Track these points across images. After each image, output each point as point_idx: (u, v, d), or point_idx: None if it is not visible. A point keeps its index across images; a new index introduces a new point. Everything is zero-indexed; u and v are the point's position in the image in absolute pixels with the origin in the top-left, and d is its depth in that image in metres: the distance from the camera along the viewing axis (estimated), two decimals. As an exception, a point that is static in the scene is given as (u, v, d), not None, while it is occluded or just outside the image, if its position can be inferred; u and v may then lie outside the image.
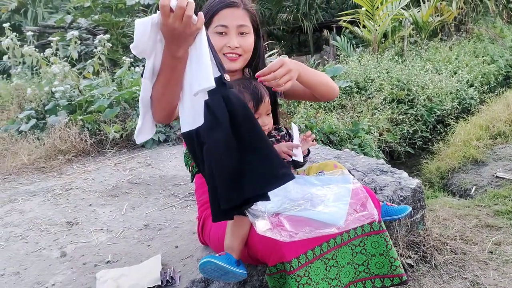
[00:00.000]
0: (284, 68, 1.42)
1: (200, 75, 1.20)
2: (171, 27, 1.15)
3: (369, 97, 5.68)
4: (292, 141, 1.65)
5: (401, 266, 1.52)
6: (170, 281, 1.60)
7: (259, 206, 1.44)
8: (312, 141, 1.67)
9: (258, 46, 1.67)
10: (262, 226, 1.38)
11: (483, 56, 7.84)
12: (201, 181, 1.78)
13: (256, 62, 1.72)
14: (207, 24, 1.59)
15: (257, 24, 1.65)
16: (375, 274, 1.52)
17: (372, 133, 4.76)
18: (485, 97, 6.34)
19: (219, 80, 1.21)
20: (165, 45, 1.22)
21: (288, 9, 13.25)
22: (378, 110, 5.35)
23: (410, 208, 1.80)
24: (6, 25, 4.86)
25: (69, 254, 1.95)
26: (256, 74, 1.44)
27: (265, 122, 1.68)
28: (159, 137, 3.78)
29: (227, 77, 1.23)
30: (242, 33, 1.58)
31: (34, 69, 5.33)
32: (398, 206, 1.81)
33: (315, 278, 1.42)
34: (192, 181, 1.77)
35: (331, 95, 1.69)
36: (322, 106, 5.32)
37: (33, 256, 1.96)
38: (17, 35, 5.15)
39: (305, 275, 1.39)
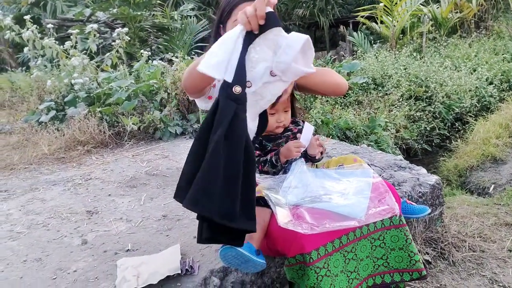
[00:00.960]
0: None
1: (213, 59, 1.19)
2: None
3: (386, 94, 5.64)
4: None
5: (421, 261, 1.51)
6: (190, 270, 1.62)
7: (280, 197, 1.45)
8: (319, 146, 1.71)
9: None
10: (283, 218, 1.39)
11: (503, 54, 7.71)
12: None
13: None
14: (226, 17, 1.60)
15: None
16: (394, 268, 1.52)
17: (389, 129, 4.73)
18: (504, 95, 6.23)
19: (227, 86, 1.18)
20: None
21: (304, 5, 13.19)
22: (395, 107, 5.30)
23: (429, 210, 1.80)
24: (26, 17, 4.93)
25: (90, 242, 1.98)
26: None
27: (281, 119, 1.69)
28: (176, 130, 3.81)
29: (237, 89, 1.18)
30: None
31: (54, 61, 5.41)
32: (417, 205, 1.80)
33: (334, 270, 1.42)
34: None
35: (336, 92, 1.68)
36: (338, 102, 5.30)
37: (55, 243, 2.00)
38: (38, 27, 5.22)
39: (324, 267, 1.40)
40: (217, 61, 1.19)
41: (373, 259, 1.52)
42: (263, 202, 1.49)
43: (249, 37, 1.22)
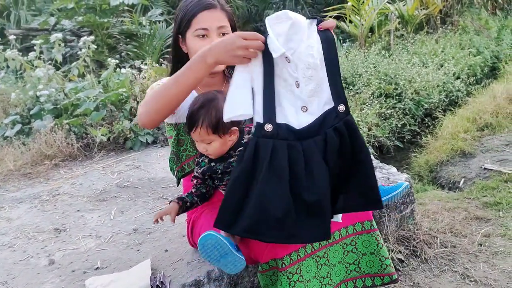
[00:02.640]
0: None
1: (243, 100, 1.26)
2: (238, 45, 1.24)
3: (357, 92, 5.70)
4: None
5: (392, 265, 1.52)
6: (160, 286, 1.59)
7: None
8: None
9: None
10: None
11: (469, 48, 7.89)
12: (189, 184, 1.76)
13: None
14: (185, 28, 1.58)
15: (234, 22, 1.65)
16: (365, 273, 1.52)
17: (361, 128, 4.77)
18: (471, 89, 6.38)
19: (259, 127, 1.26)
20: (209, 47, 1.29)
21: (274, 6, 13.23)
22: (367, 105, 5.36)
23: (406, 183, 1.83)
24: (-12, 29, 4.78)
25: (57, 261, 1.92)
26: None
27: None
28: (147, 139, 3.75)
29: (268, 127, 1.26)
30: (222, 34, 1.57)
31: (18, 73, 5.26)
32: (393, 185, 1.84)
33: (306, 276, 1.41)
34: (178, 185, 1.76)
35: None
36: (310, 103, 5.32)
37: (21, 265, 1.93)
38: (0, 39, 5.07)
39: (296, 273, 1.39)
40: (241, 103, 1.26)
41: (345, 264, 1.52)
42: None
43: (267, 59, 1.26)
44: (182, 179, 1.75)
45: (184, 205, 1.59)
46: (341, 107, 1.29)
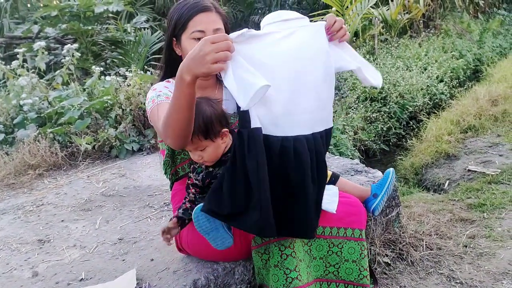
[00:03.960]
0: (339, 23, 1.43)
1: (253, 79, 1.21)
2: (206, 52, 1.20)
3: (342, 97, 5.74)
4: None
5: (368, 278, 1.54)
6: (146, 296, 1.57)
7: None
8: None
9: None
10: None
11: (451, 51, 8.02)
12: (179, 188, 1.76)
13: None
14: (181, 31, 1.58)
15: (228, 25, 1.67)
16: (342, 278, 1.53)
17: (347, 132, 4.80)
18: (454, 92, 6.48)
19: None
20: (182, 63, 1.25)
21: (260, 11, 13.29)
22: (352, 109, 5.40)
23: (391, 170, 1.90)
24: (-31, 37, 4.71)
25: (41, 273, 1.89)
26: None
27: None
28: (132, 147, 3.73)
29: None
30: None
31: (1, 82, 5.19)
32: (381, 178, 1.88)
33: (299, 255, 1.44)
34: (171, 189, 1.75)
35: None
36: (296, 108, 5.34)
37: (4, 278, 1.90)
38: (-18, 47, 5.00)
39: (290, 247, 1.42)
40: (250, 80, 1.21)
41: (326, 263, 1.54)
42: None
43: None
44: (174, 183, 1.75)
45: (183, 225, 1.60)
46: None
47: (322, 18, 8.72)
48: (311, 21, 1.46)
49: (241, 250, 1.59)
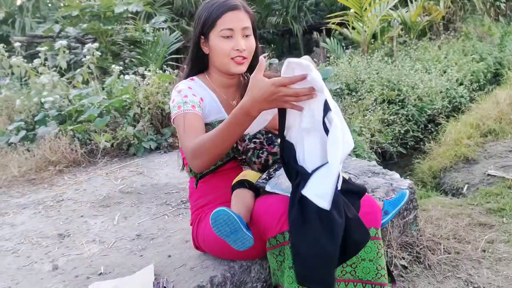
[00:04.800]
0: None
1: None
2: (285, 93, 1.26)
3: (360, 99, 5.71)
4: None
5: (386, 276, 1.52)
6: (163, 291, 1.59)
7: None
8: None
9: (257, 47, 1.70)
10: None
11: (472, 55, 7.91)
12: (200, 185, 1.76)
13: (254, 63, 1.73)
14: (210, 29, 1.60)
15: (255, 24, 1.68)
16: (359, 278, 1.51)
17: (364, 134, 4.77)
18: (474, 95, 6.38)
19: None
20: (250, 101, 1.31)
21: (277, 12, 13.31)
22: (369, 111, 5.37)
23: (407, 191, 1.88)
24: (-7, 36, 4.83)
25: (61, 267, 1.93)
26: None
27: None
28: (150, 145, 3.77)
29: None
30: (246, 36, 1.61)
31: (23, 80, 5.30)
32: (395, 196, 1.86)
33: None
34: (196, 187, 1.76)
35: None
36: (313, 109, 5.33)
37: (25, 270, 1.94)
38: (5, 46, 5.12)
39: None
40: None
41: (343, 264, 1.52)
42: (248, 185, 1.56)
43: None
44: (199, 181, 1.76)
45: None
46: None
47: (340, 20, 8.70)
48: (328, 23, 1.47)
49: (257, 249, 1.59)
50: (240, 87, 1.75)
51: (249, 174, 1.61)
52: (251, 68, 1.71)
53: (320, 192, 1.25)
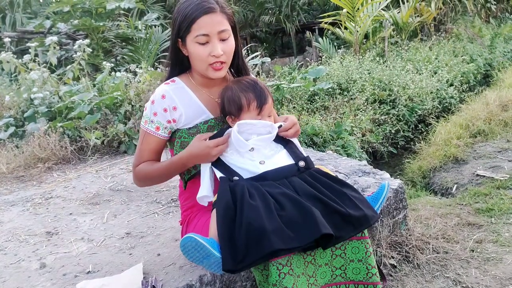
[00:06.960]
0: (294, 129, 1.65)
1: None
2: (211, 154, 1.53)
3: (351, 98, 5.73)
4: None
5: (377, 275, 1.51)
6: (152, 290, 1.58)
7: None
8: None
9: (237, 46, 1.65)
10: None
11: (462, 56, 7.98)
12: (188, 186, 1.75)
13: (236, 62, 1.71)
14: (185, 33, 1.56)
15: (234, 24, 1.63)
16: (350, 279, 1.51)
17: (355, 134, 4.79)
18: (464, 96, 6.44)
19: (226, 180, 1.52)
20: (186, 159, 1.59)
21: (270, 11, 13.31)
22: (361, 111, 5.39)
23: (386, 182, 1.83)
24: (-18, 31, 4.78)
25: (48, 265, 1.91)
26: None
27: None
28: (141, 143, 3.74)
29: (235, 178, 1.51)
30: (223, 39, 1.56)
31: (13, 75, 5.24)
32: (375, 191, 1.84)
33: (296, 271, 1.40)
34: (185, 188, 1.75)
35: None
36: (305, 108, 5.34)
37: (12, 268, 1.92)
38: (-6, 41, 5.06)
39: (287, 265, 1.38)
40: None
41: (332, 268, 1.51)
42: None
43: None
44: (187, 182, 1.75)
45: None
46: (301, 163, 1.55)
47: (333, 19, 8.72)
48: (320, 22, 1.51)
49: None
50: (222, 84, 1.71)
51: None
52: (236, 66, 1.72)
53: None
